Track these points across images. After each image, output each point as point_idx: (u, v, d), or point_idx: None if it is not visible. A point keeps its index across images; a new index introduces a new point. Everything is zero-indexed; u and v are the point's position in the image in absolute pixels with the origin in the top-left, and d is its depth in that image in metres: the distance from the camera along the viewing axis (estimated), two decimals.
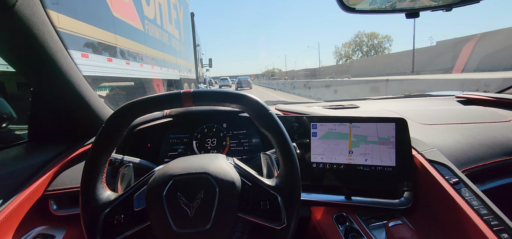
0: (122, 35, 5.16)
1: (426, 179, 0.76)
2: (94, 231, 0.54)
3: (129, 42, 5.47)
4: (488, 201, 0.64)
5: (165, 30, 8.01)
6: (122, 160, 0.79)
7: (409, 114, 1.12)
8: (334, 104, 1.42)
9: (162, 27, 7.70)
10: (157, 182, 0.56)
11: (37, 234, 0.77)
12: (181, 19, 10.24)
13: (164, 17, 7.94)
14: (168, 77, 8.30)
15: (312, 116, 0.91)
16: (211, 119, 1.06)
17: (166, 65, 8.01)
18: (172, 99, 0.59)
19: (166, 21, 8.23)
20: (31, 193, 0.77)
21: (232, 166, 0.60)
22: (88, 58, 3.89)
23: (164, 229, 0.53)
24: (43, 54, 0.75)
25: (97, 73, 4.19)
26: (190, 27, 11.79)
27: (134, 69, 5.67)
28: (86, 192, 0.56)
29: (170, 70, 8.43)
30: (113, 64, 4.74)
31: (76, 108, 0.94)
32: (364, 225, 0.80)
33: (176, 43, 9.36)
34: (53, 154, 0.90)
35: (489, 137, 0.92)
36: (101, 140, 0.58)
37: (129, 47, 5.47)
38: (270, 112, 0.60)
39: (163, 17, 7.89)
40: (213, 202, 0.54)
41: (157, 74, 7.21)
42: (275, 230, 0.56)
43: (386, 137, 0.84)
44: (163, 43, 7.79)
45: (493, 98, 1.31)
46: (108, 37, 4.59)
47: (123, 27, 5.23)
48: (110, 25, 4.71)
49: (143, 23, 6.24)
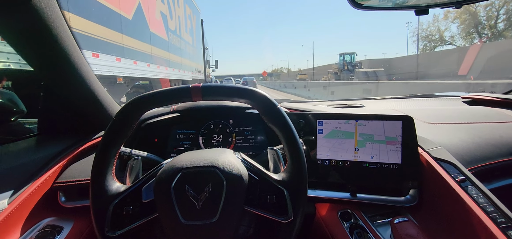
0: (156, 46, 7.12)
1: (432, 177, 0.76)
2: (103, 221, 0.55)
3: (159, 51, 7.39)
4: (495, 198, 0.64)
5: (182, 38, 10.06)
6: (131, 153, 0.81)
7: (415, 113, 1.11)
8: (339, 103, 1.42)
9: (180, 36, 9.70)
10: (166, 174, 0.56)
11: (45, 225, 0.78)
12: (194, 27, 12.33)
13: (182, 28, 9.97)
14: (184, 78, 10.24)
15: (318, 114, 0.91)
16: (217, 115, 1.07)
17: (183, 68, 10.06)
18: (182, 94, 0.60)
19: (183, 31, 10.27)
20: (41, 185, 0.79)
21: (240, 160, 0.61)
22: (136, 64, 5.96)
23: (171, 221, 0.54)
24: (56, 49, 0.77)
25: (139, 75, 6.20)
26: (200, 32, 13.87)
27: (161, 72, 7.54)
28: (96, 183, 0.57)
29: (186, 72, 10.53)
30: (149, 68, 6.73)
31: (86, 103, 0.95)
32: (369, 222, 0.80)
33: (190, 49, 11.46)
34: (63, 147, 0.91)
35: (496, 136, 0.92)
36: (112, 132, 0.59)
37: (159, 54, 7.34)
38: (278, 107, 0.60)
39: (181, 27, 9.92)
40: (220, 195, 0.54)
41: (176, 76, 9.06)
42: (281, 224, 0.57)
43: (394, 136, 0.84)
44: (181, 49, 9.77)
45: (499, 99, 1.30)
46: (147, 48, 6.61)
47: (156, 40, 7.16)
48: (148, 39, 6.68)
49: (167, 34, 8.10)
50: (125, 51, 5.37)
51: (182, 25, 9.92)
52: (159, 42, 7.35)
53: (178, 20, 9.30)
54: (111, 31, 4.89)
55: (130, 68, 5.68)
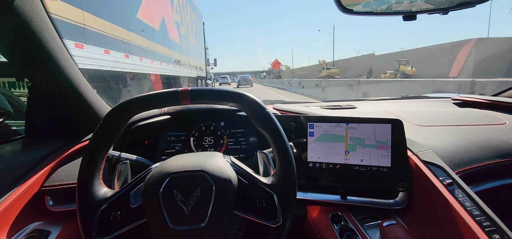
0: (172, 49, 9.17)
1: (420, 179, 0.77)
2: (90, 227, 0.54)
3: (175, 53, 9.49)
4: (480, 202, 0.65)
5: (189, 41, 12.30)
6: (119, 156, 0.79)
7: (406, 115, 1.13)
8: (332, 104, 1.43)
9: (187, 40, 11.86)
10: (154, 179, 0.56)
11: (33, 230, 0.77)
12: (198, 30, 14.66)
13: (189, 32, 12.17)
14: (190, 75, 12.32)
15: (309, 116, 0.91)
16: (208, 117, 1.06)
17: (190, 67, 12.27)
18: (170, 97, 0.59)
19: (190, 34, 12.53)
20: (28, 188, 0.77)
21: (229, 164, 0.60)
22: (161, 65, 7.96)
23: (160, 226, 0.53)
24: (41, 50, 0.75)
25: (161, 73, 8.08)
26: (202, 34, 15.99)
27: (175, 70, 9.63)
28: (83, 188, 0.56)
29: (192, 70, 12.76)
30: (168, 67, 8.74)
31: (74, 105, 0.94)
32: (359, 225, 0.81)
33: (195, 50, 13.66)
34: (50, 149, 0.90)
35: (484, 139, 0.93)
36: (98, 136, 0.58)
37: (174, 56, 9.44)
38: (267, 111, 0.60)
39: (189, 32, 12.11)
40: (209, 200, 0.54)
41: (185, 73, 11.24)
42: (270, 228, 0.57)
43: (384, 140, 0.84)
44: (188, 51, 11.83)
45: (489, 101, 1.32)
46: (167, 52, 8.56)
47: (173, 45, 9.26)
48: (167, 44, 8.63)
49: (180, 39, 10.21)
50: (156, 55, 7.47)
51: (189, 29, 12.14)
52: (174, 46, 9.46)
53: (187, 26, 11.50)
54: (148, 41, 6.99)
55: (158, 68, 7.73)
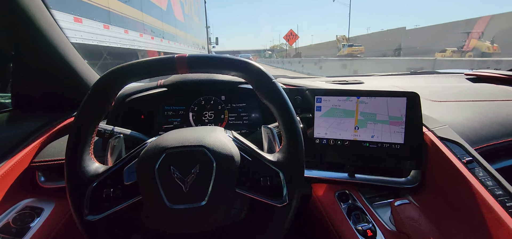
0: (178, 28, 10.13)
1: (436, 157, 0.72)
2: (81, 205, 0.50)
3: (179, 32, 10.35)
4: (504, 181, 0.61)
5: (192, 20, 13.27)
6: (113, 131, 0.74)
7: (418, 90, 1.06)
8: (338, 79, 1.35)
9: (191, 18, 12.82)
10: (149, 154, 0.51)
11: (24, 206, 0.73)
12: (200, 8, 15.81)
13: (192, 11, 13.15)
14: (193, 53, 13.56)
15: (316, 90, 0.85)
16: (208, 91, 1.00)
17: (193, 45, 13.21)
18: (165, 65, 0.53)
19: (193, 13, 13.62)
20: (16, 164, 0.73)
21: (231, 139, 0.56)
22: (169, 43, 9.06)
23: (156, 205, 0.50)
24: (24, 18, 0.69)
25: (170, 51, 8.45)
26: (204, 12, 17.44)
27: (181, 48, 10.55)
28: (71, 164, 0.51)
29: (195, 48, 13.63)
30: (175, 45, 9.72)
31: (63, 76, 0.87)
32: (368, 204, 0.77)
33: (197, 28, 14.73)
34: (40, 123, 0.84)
35: (502, 114, 0.88)
36: (86, 108, 0.52)
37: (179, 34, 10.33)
38: (274, 81, 0.54)
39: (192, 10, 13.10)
40: (209, 177, 0.50)
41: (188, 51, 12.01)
42: (275, 207, 0.53)
43: (398, 116, 0.78)
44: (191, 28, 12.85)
45: (504, 75, 1.25)
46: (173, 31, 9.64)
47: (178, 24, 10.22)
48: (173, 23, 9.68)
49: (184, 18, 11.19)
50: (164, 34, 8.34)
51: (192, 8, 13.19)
52: (179, 25, 10.36)
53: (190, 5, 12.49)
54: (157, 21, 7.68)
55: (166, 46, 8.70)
